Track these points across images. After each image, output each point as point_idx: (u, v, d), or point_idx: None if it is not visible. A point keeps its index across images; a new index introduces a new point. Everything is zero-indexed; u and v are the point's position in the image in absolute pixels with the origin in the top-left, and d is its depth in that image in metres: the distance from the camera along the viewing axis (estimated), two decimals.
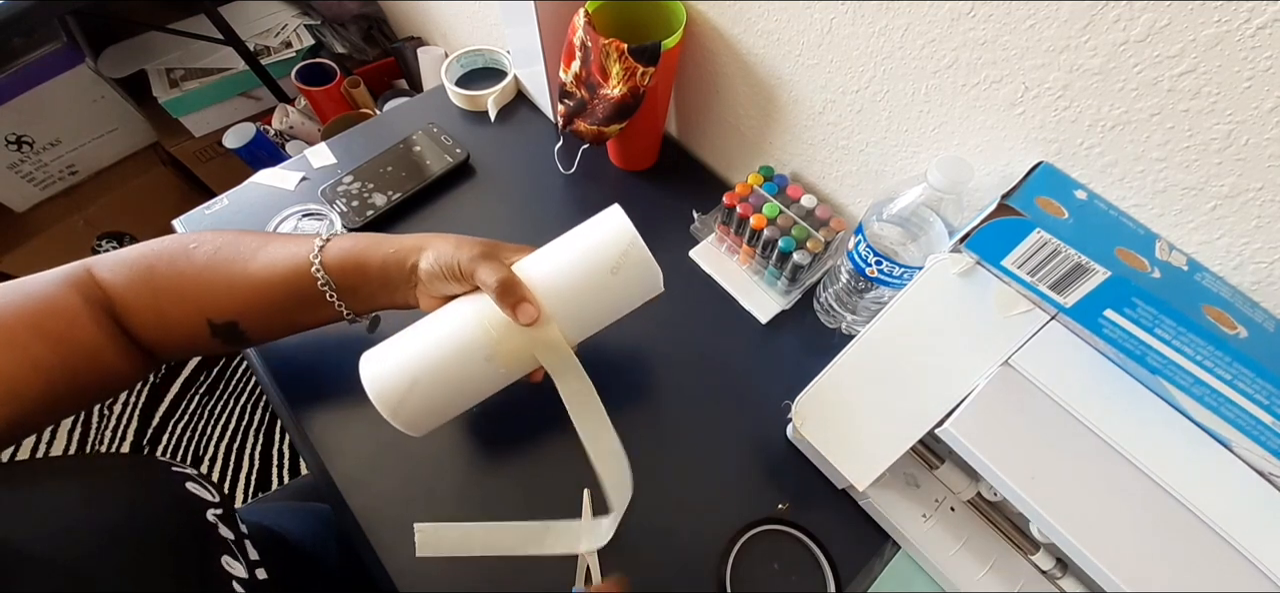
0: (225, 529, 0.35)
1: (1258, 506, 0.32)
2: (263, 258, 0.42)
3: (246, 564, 0.35)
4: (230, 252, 0.42)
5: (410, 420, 0.40)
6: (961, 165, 0.39)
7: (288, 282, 0.42)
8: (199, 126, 1.21)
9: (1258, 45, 0.29)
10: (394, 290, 0.43)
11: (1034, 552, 0.42)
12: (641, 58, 0.50)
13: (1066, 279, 0.34)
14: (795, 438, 0.48)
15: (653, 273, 0.42)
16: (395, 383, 0.39)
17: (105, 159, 1.23)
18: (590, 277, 0.41)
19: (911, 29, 0.42)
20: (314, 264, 0.41)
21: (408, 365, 0.40)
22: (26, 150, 1.11)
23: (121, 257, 0.41)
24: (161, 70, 1.16)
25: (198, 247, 0.42)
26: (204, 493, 0.36)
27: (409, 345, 0.40)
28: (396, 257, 0.42)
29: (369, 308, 0.45)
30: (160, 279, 0.40)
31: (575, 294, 0.41)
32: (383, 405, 0.39)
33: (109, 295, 0.40)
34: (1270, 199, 0.32)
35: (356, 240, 0.43)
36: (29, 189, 1.16)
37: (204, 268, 0.41)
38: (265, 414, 1.27)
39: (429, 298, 0.43)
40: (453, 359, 0.40)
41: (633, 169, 0.67)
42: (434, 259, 0.41)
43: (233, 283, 0.41)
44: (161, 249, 0.42)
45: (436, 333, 0.40)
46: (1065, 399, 0.36)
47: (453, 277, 0.40)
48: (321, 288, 0.42)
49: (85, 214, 1.21)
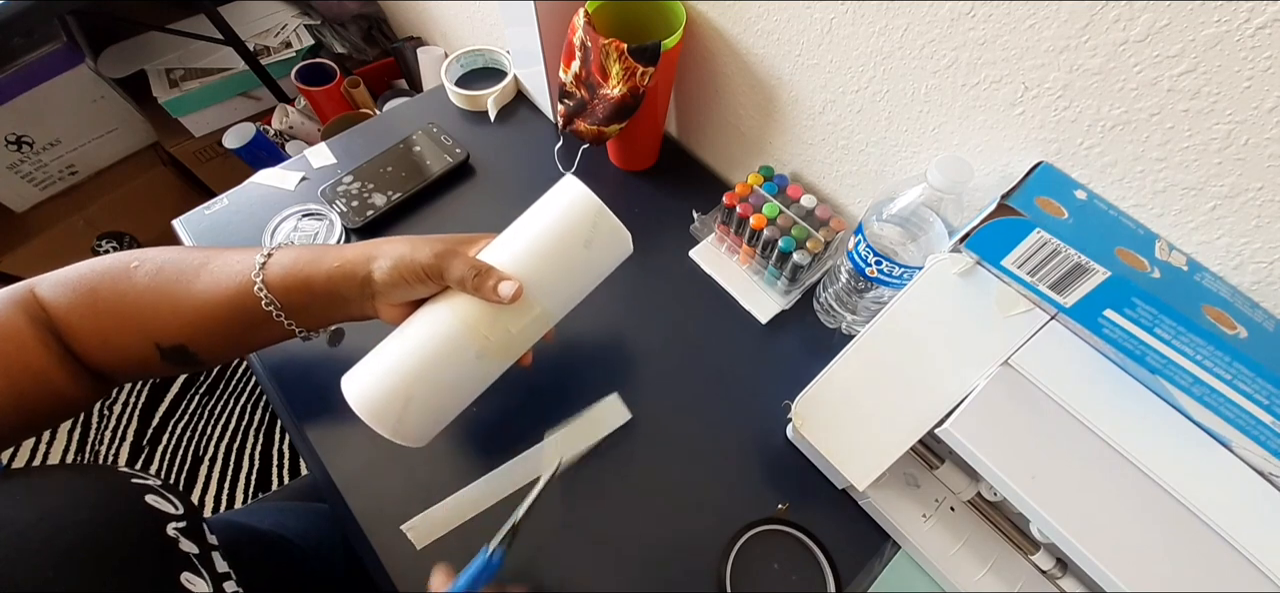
0: (188, 543, 0.34)
1: (1258, 506, 0.32)
2: (206, 277, 0.40)
3: (212, 579, 0.34)
4: (173, 271, 0.40)
5: (412, 434, 0.39)
6: (961, 165, 0.39)
7: (233, 302, 0.39)
8: (199, 126, 1.21)
9: (1258, 45, 0.29)
10: (347, 304, 0.41)
11: (1034, 552, 0.42)
12: (641, 58, 0.50)
13: (1066, 279, 0.34)
14: (795, 438, 0.48)
15: (623, 239, 0.42)
16: (389, 401, 0.38)
17: (105, 159, 1.23)
18: (565, 251, 0.40)
19: (911, 29, 0.42)
20: (256, 283, 0.39)
21: (398, 381, 0.38)
22: (26, 150, 1.11)
23: (63, 278, 0.39)
24: (161, 70, 1.16)
25: (139, 266, 0.40)
26: (165, 506, 0.34)
27: (393, 359, 0.39)
28: (343, 270, 0.40)
29: (321, 324, 0.43)
30: (103, 302, 0.39)
31: (552, 271, 0.40)
32: (381, 426, 0.38)
33: (52, 318, 0.38)
34: (1270, 199, 0.32)
35: (299, 255, 0.41)
36: (29, 189, 1.16)
37: (146, 289, 0.39)
38: (265, 414, 1.27)
39: (391, 307, 0.41)
40: (444, 365, 0.39)
41: (633, 169, 0.67)
42: (391, 266, 0.39)
43: (177, 305, 0.39)
44: (104, 269, 0.39)
45: (420, 340, 0.39)
46: (1065, 399, 0.36)
47: (417, 279, 0.39)
48: (267, 307, 0.39)
49: (85, 214, 1.21)
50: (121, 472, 0.36)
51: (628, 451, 0.49)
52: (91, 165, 1.22)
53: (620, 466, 0.48)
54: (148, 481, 0.36)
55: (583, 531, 0.45)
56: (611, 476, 0.48)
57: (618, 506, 0.47)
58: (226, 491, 1.18)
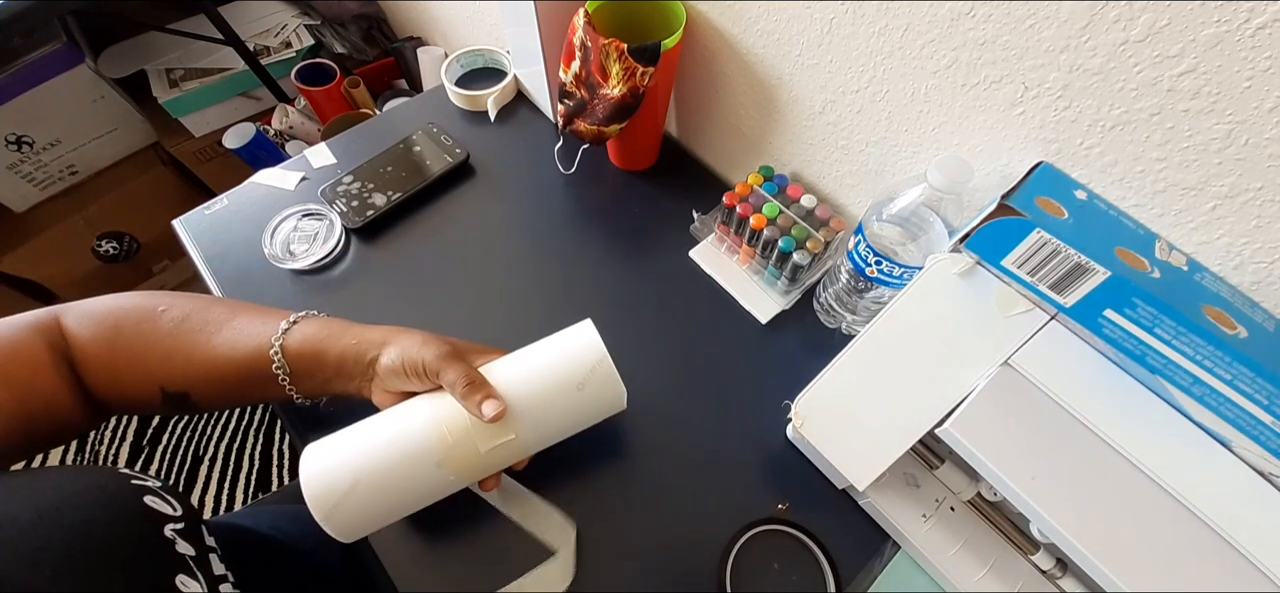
0: (185, 545, 0.34)
1: (1258, 506, 0.32)
2: (227, 334, 0.42)
3: (208, 581, 0.34)
4: (196, 322, 0.42)
5: (343, 526, 0.37)
6: (961, 165, 0.39)
7: (245, 362, 0.41)
8: (199, 126, 1.21)
9: (1258, 45, 0.29)
10: (347, 381, 0.43)
11: (1034, 552, 0.42)
12: (641, 58, 0.50)
13: (1066, 279, 0.34)
14: (795, 438, 0.48)
15: (616, 392, 0.42)
16: (333, 483, 0.37)
17: (105, 159, 1.22)
18: (557, 389, 0.41)
19: (911, 29, 0.42)
20: (274, 347, 0.41)
21: (349, 466, 0.38)
22: (26, 150, 1.11)
23: (90, 309, 0.41)
24: (161, 70, 1.16)
25: (166, 311, 0.42)
26: (163, 507, 0.35)
27: (356, 444, 0.39)
28: (356, 349, 0.42)
29: (320, 393, 0.45)
30: (123, 340, 0.40)
31: (539, 403, 0.40)
32: (316, 507, 0.37)
33: (71, 348, 0.40)
34: (1270, 199, 0.32)
35: (321, 327, 0.43)
36: (29, 189, 1.16)
37: (166, 336, 0.41)
38: (265, 414, 1.27)
39: (383, 393, 0.42)
40: (402, 461, 0.38)
41: (633, 169, 0.67)
42: (397, 355, 0.40)
43: (192, 356, 0.41)
44: (131, 307, 0.42)
45: (389, 431, 0.39)
46: (1065, 399, 0.36)
47: (415, 374, 0.40)
48: (276, 370, 0.41)
49: (85, 214, 1.21)
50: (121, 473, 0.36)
51: (627, 450, 0.49)
52: (91, 165, 1.22)
53: (620, 465, 0.48)
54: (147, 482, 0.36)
55: (583, 530, 0.45)
56: (611, 475, 0.48)
57: (618, 505, 0.47)
58: (226, 491, 1.18)
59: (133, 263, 1.31)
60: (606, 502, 0.47)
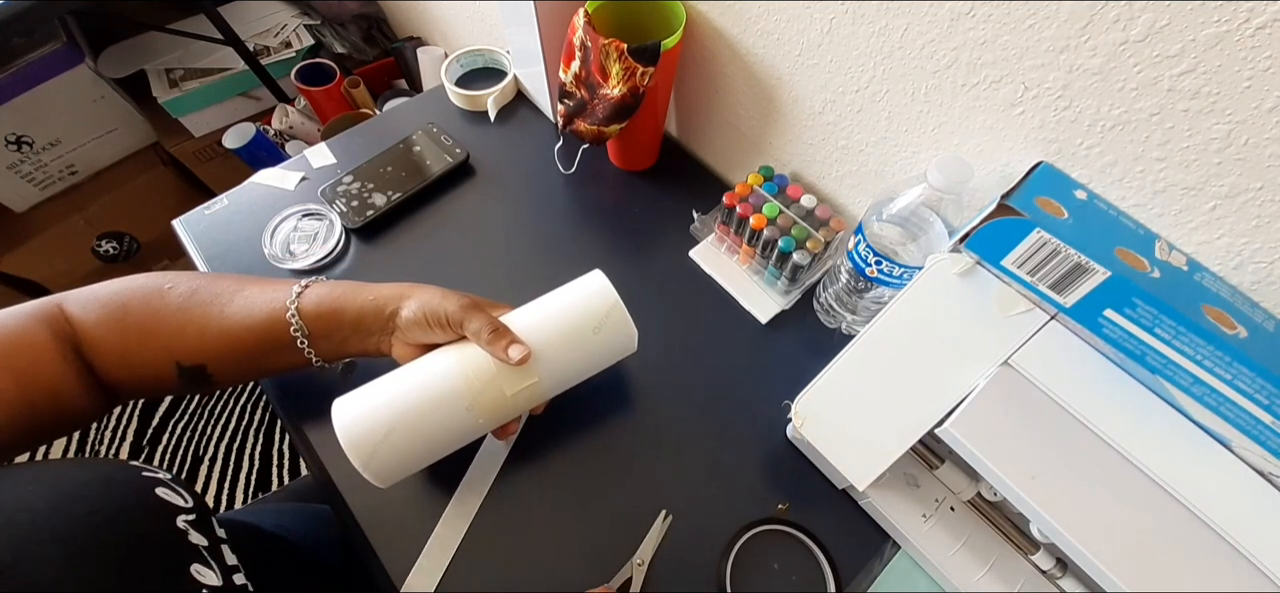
0: (197, 536, 0.34)
1: (1258, 506, 0.32)
2: (239, 303, 0.42)
3: (221, 571, 0.34)
4: (206, 295, 0.42)
5: (381, 471, 0.39)
6: (961, 165, 0.39)
7: (263, 328, 0.41)
8: (199, 126, 1.21)
9: (1258, 45, 0.29)
10: (366, 337, 0.43)
11: (1034, 552, 0.42)
12: (641, 58, 0.50)
13: (1066, 279, 0.34)
14: (795, 438, 0.48)
15: (629, 334, 0.44)
16: (371, 431, 0.38)
17: (105, 159, 1.23)
18: (573, 333, 0.42)
19: (911, 29, 0.42)
20: (290, 308, 0.41)
21: (384, 413, 0.39)
22: (26, 150, 1.11)
23: (94, 293, 0.41)
24: (161, 70, 1.16)
25: (173, 287, 0.41)
26: (175, 498, 0.35)
27: (387, 393, 0.40)
28: (374, 305, 0.42)
29: (338, 355, 0.44)
30: (132, 317, 0.40)
31: (558, 348, 0.42)
32: (355, 454, 0.38)
33: (77, 332, 0.39)
34: (1270, 199, 0.32)
35: (334, 288, 0.43)
36: (29, 189, 1.16)
37: (177, 310, 0.41)
38: (265, 414, 1.27)
39: (404, 346, 0.42)
40: (434, 408, 0.39)
41: (633, 169, 0.67)
42: (419, 307, 0.41)
43: (206, 327, 0.41)
44: (136, 287, 0.41)
45: (418, 380, 0.40)
46: (1065, 399, 0.36)
47: (439, 325, 0.41)
48: (294, 334, 0.41)
49: (85, 214, 1.21)
50: (130, 465, 0.36)
51: (627, 450, 0.49)
52: (91, 165, 1.22)
53: (620, 465, 0.48)
54: (158, 474, 0.36)
55: (583, 529, 0.45)
56: (611, 475, 0.48)
57: (618, 505, 0.47)
58: (226, 490, 1.18)
59: (133, 263, 1.31)
60: (606, 500, 0.47)
